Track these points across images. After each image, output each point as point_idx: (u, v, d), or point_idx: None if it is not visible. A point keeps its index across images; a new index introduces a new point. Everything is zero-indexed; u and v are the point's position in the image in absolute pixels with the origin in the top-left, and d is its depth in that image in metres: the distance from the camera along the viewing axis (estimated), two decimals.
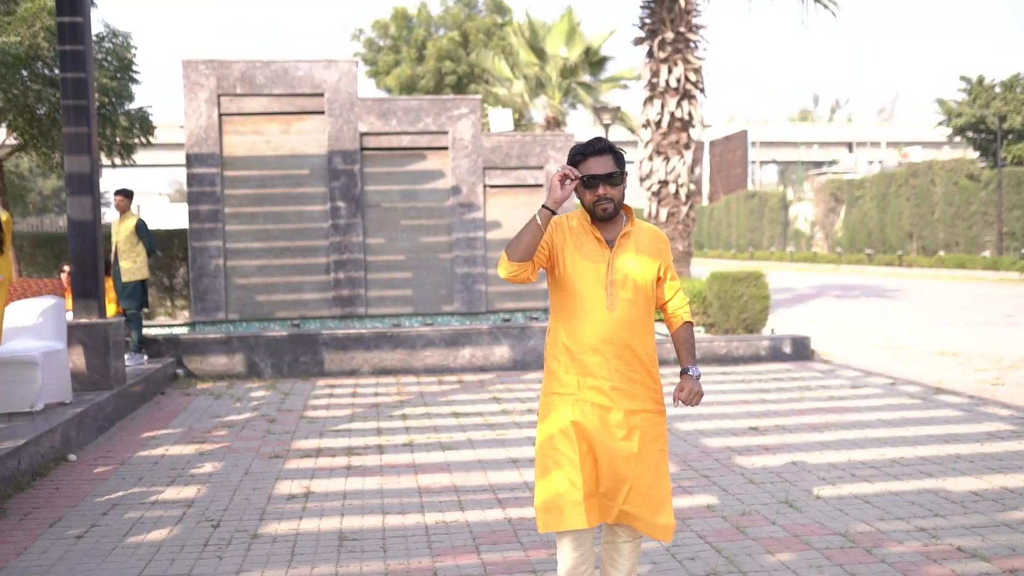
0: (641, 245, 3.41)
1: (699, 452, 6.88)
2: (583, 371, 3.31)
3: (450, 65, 29.50)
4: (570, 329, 3.36)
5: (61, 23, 8.29)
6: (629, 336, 3.32)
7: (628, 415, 3.32)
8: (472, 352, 11.37)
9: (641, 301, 3.35)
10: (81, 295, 8.44)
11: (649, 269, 3.39)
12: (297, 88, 12.95)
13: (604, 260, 3.35)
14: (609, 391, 3.30)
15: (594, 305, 3.32)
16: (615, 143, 3.48)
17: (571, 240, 3.40)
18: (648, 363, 3.37)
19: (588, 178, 3.29)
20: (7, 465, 5.95)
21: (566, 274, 3.36)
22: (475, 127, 13.31)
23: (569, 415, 3.30)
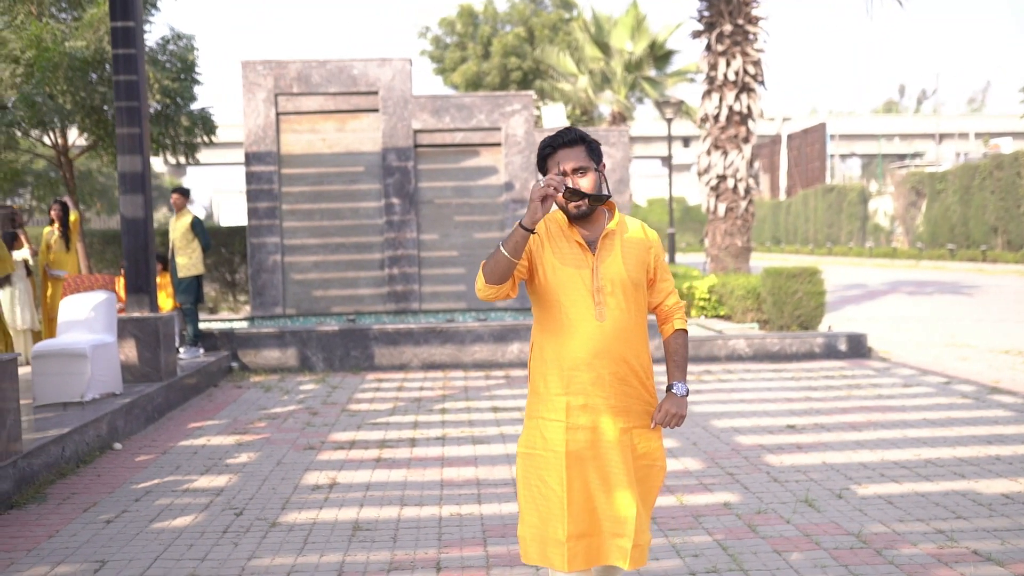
0: (627, 244, 3.11)
1: (729, 450, 6.82)
2: (574, 391, 3.02)
3: (515, 61, 29.56)
4: (557, 345, 3.05)
5: (115, 28, 8.59)
6: (623, 348, 3.04)
7: (623, 433, 3.06)
8: (521, 347, 11.42)
9: (633, 307, 3.08)
10: (133, 290, 8.74)
11: (638, 270, 3.10)
12: (352, 87, 13.16)
13: (588, 265, 3.04)
14: (604, 409, 3.04)
15: (581, 316, 3.02)
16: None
17: (549, 246, 3.08)
18: (644, 375, 3.11)
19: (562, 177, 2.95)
20: (51, 452, 6.22)
21: (547, 284, 3.06)
22: (528, 123, 13.34)
23: (560, 445, 3.02)
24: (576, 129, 3.09)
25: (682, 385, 3.18)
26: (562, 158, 3.02)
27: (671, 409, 3.13)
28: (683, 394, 3.16)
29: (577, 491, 3.02)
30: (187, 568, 4.55)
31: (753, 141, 15.41)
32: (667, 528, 5.01)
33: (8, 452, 5.64)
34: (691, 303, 14.20)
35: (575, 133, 3.06)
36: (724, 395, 9.10)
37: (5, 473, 5.57)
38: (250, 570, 4.52)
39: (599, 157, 3.09)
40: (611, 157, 13.40)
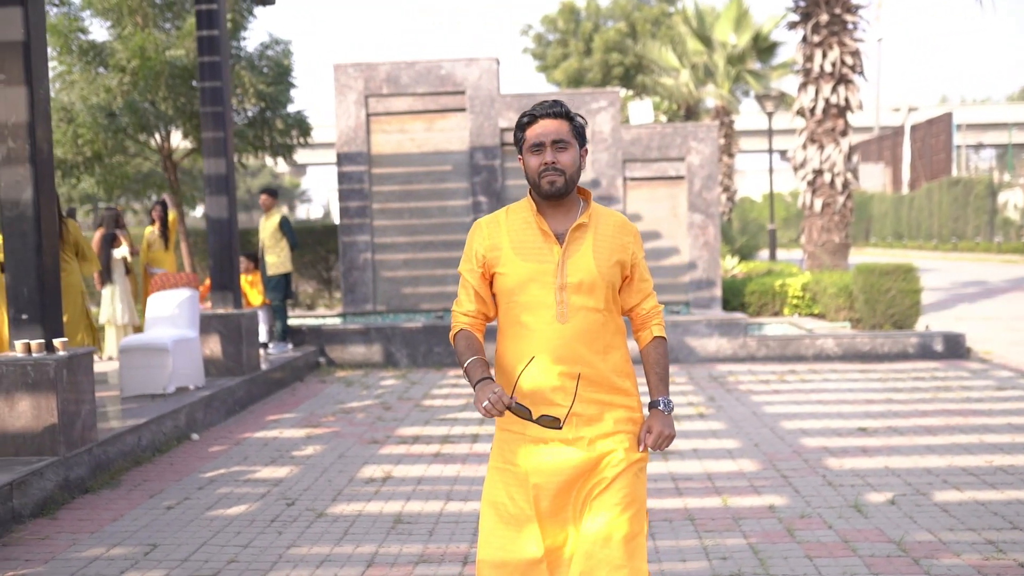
0: (602, 237, 2.81)
1: (790, 451, 6.67)
2: (539, 396, 2.76)
3: (617, 57, 29.41)
4: (516, 348, 2.79)
5: (200, 37, 8.99)
6: (588, 351, 2.76)
7: (591, 444, 2.77)
8: None
9: (603, 308, 2.80)
10: (218, 287, 9.13)
11: (612, 268, 2.80)
12: (439, 87, 13.36)
13: (553, 259, 2.77)
14: (572, 419, 2.76)
15: (542, 317, 2.75)
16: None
17: (508, 238, 2.81)
18: (617, 379, 2.82)
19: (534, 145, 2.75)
20: (126, 441, 6.58)
21: (505, 282, 2.80)
22: (614, 120, 13.29)
23: (522, 460, 2.78)
24: (564, 104, 2.84)
25: (667, 401, 2.89)
26: (543, 129, 2.76)
27: (663, 430, 2.82)
28: (669, 409, 2.87)
29: (546, 511, 2.77)
30: (229, 554, 4.76)
31: (851, 134, 14.94)
32: (703, 529, 4.96)
33: (84, 440, 5.99)
34: (784, 301, 13.89)
35: (563, 107, 2.82)
36: (801, 396, 8.89)
37: (80, 460, 5.92)
38: (286, 558, 4.69)
39: (583, 139, 2.83)
40: (699, 153, 13.21)
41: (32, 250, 5.76)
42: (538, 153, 2.77)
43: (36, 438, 5.68)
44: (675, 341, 11.35)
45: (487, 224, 2.88)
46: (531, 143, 2.78)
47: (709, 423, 7.71)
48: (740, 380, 9.88)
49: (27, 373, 5.65)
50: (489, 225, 2.88)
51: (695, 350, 11.34)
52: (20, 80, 5.72)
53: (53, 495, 5.58)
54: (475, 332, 2.87)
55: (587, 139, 2.89)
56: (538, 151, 2.77)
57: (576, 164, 2.79)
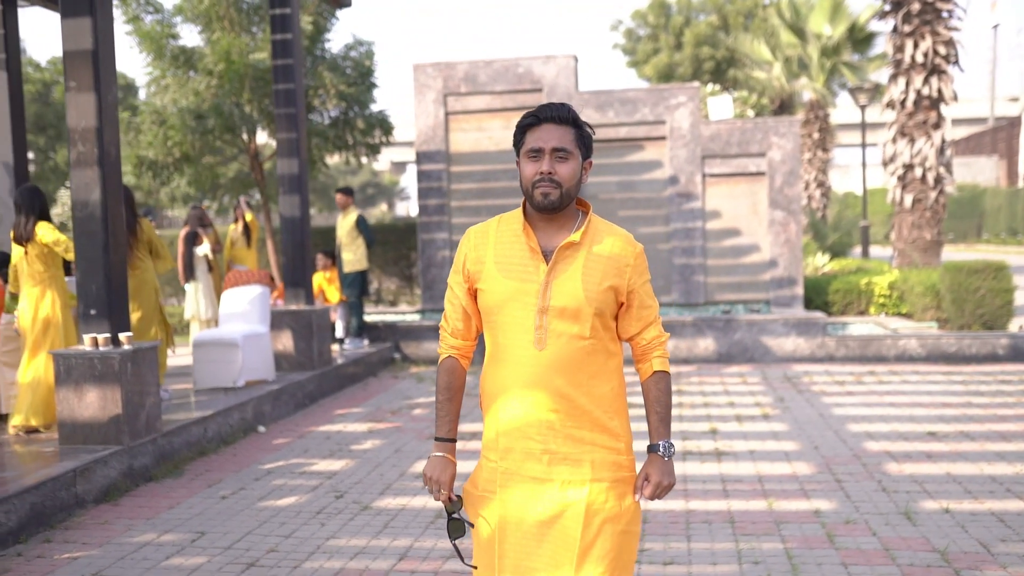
0: (595, 258, 2.53)
1: (850, 455, 6.49)
2: (511, 428, 2.53)
3: (708, 51, 28.96)
4: (494, 373, 2.58)
5: (274, 40, 9.24)
6: (566, 383, 2.49)
7: (566, 487, 2.49)
8: (675, 343, 11.29)
9: (588, 335, 2.52)
10: (291, 284, 9.38)
11: (602, 293, 2.51)
12: (517, 85, 13.42)
13: (537, 279, 2.51)
14: (540, 456, 2.50)
15: (518, 341, 2.52)
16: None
17: (493, 252, 2.58)
18: (602, 416, 2.53)
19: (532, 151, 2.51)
20: (192, 432, 6.84)
21: (485, 299, 2.58)
22: (693, 116, 13.11)
23: (494, 492, 2.56)
24: (572, 110, 2.56)
25: (668, 444, 2.58)
26: (544, 134, 2.51)
27: (661, 479, 2.55)
28: (670, 455, 2.57)
29: (510, 556, 2.53)
30: (270, 544, 4.91)
31: (945, 127, 14.39)
32: (742, 532, 4.89)
33: (148, 430, 6.26)
34: (870, 300, 13.49)
35: (569, 112, 2.54)
36: (875, 398, 8.63)
37: (144, 449, 6.18)
38: (324, 548, 4.82)
39: (588, 150, 2.58)
40: (780, 148, 12.91)
41: (100, 248, 6.04)
42: (535, 160, 2.51)
43: (102, 428, 5.96)
44: (750, 340, 11.15)
45: (475, 234, 2.64)
46: (529, 148, 2.52)
47: (772, 424, 7.56)
48: (814, 381, 9.65)
49: (94, 366, 5.93)
50: (477, 235, 2.64)
51: (771, 349, 11.11)
52: (89, 87, 6.01)
53: (116, 482, 5.84)
54: (460, 362, 2.72)
55: (592, 149, 2.61)
56: (535, 158, 2.51)
57: (576, 177, 2.53)
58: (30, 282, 6.48)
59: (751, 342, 11.17)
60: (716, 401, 8.68)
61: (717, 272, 13.18)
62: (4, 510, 4.91)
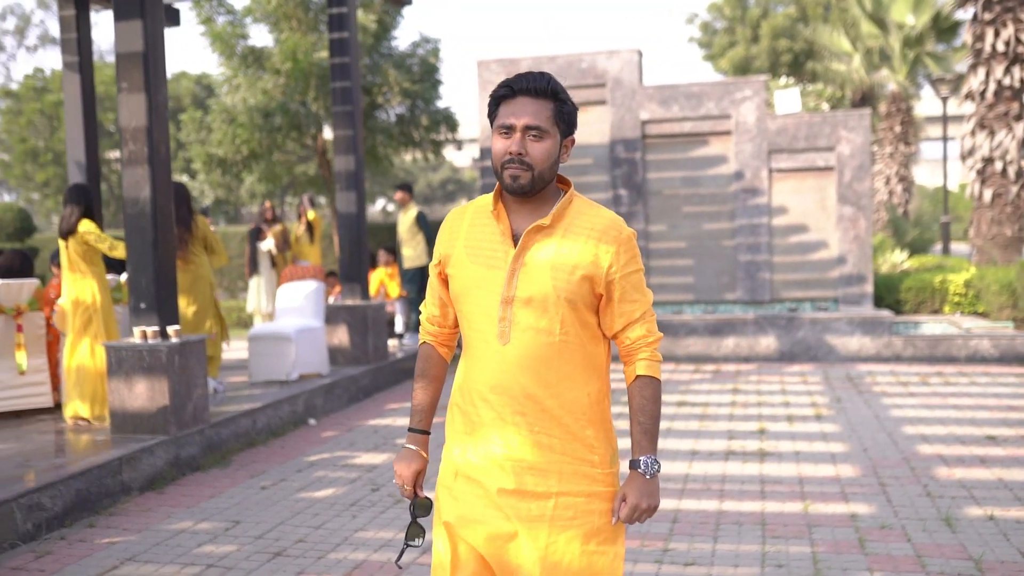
0: (569, 244, 2.27)
1: (899, 458, 6.30)
2: (473, 428, 2.32)
3: (785, 43, 28.33)
4: (463, 368, 2.39)
5: (332, 39, 9.39)
6: (533, 383, 2.25)
7: (529, 499, 2.26)
8: (736, 342, 11.12)
9: (559, 331, 2.26)
10: (346, 279, 9.52)
11: (574, 283, 2.25)
12: (580, 80, 13.36)
13: (505, 265, 2.28)
14: (503, 462, 2.27)
15: (483, 334, 2.29)
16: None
17: (465, 235, 2.38)
18: (574, 424, 2.28)
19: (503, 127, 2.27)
20: (240, 423, 7.01)
21: (453, 286, 2.38)
22: (760, 109, 12.87)
23: (449, 495, 2.35)
24: (554, 80, 2.29)
25: (651, 460, 2.29)
26: (517, 108, 2.25)
27: (639, 501, 2.26)
28: (653, 473, 2.28)
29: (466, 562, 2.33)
30: (300, 534, 5.00)
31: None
32: (771, 535, 4.79)
33: (195, 421, 6.44)
34: (944, 299, 13.05)
35: (548, 84, 2.27)
36: (938, 400, 8.35)
37: (191, 440, 6.36)
38: (351, 540, 4.89)
39: (570, 126, 2.32)
40: (850, 142, 12.57)
41: (149, 245, 6.23)
42: (506, 137, 2.26)
43: (150, 418, 6.15)
44: (813, 339, 10.91)
45: (452, 216, 2.46)
46: (500, 123, 2.27)
47: (823, 425, 7.39)
48: (877, 381, 9.39)
49: (143, 358, 6.12)
50: (453, 217, 2.45)
51: (835, 349, 10.85)
52: (140, 88, 6.20)
53: (163, 471, 6.03)
54: (436, 349, 2.54)
55: (575, 126, 2.33)
56: (506, 135, 2.26)
57: (551, 158, 2.26)
58: (71, 273, 6.71)
59: (814, 341, 10.93)
60: (770, 400, 8.52)
61: (783, 269, 12.92)
62: (50, 495, 5.11)
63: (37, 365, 7.13)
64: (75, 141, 9.66)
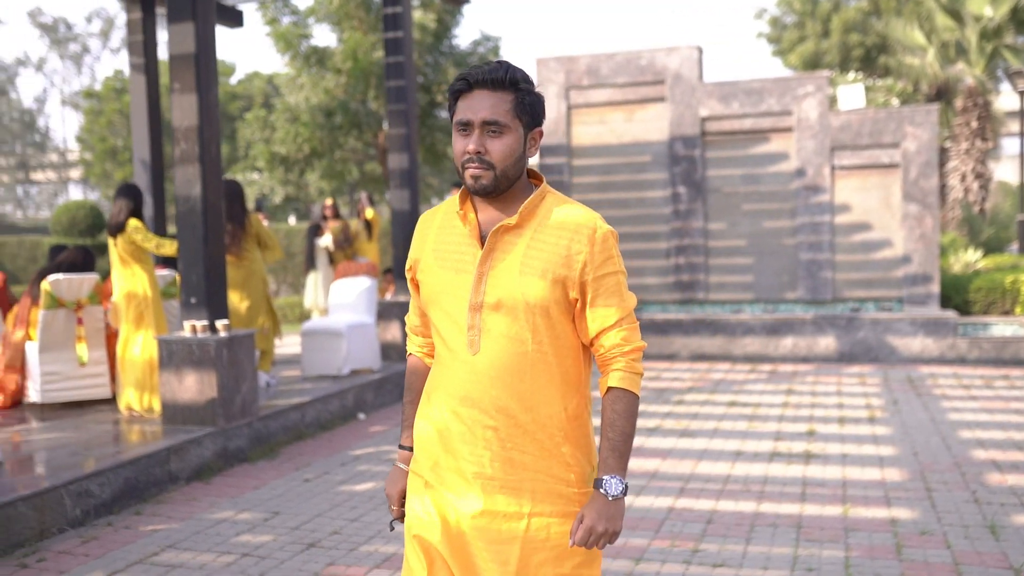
0: (540, 243, 2.12)
1: (950, 463, 6.13)
2: (442, 444, 2.17)
3: (856, 38, 27.66)
4: (431, 379, 2.26)
5: (386, 39, 9.49)
6: (505, 395, 2.11)
7: (501, 520, 2.12)
8: (794, 341, 10.94)
9: (531, 339, 2.11)
10: (399, 276, 9.62)
11: (545, 287, 2.10)
12: (639, 77, 13.28)
13: (472, 269, 2.14)
14: (472, 479, 2.13)
15: (453, 343, 2.16)
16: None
17: (434, 237, 2.24)
18: (548, 440, 2.13)
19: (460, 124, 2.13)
20: (289, 417, 7.15)
21: (423, 293, 2.25)
22: (822, 105, 12.63)
23: (418, 514, 2.21)
24: (513, 68, 2.13)
25: (616, 481, 2.10)
26: (476, 103, 2.10)
27: (595, 524, 2.07)
28: (617, 494, 2.10)
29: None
30: (335, 526, 5.09)
31: None
32: (806, 538, 4.72)
33: (243, 414, 6.58)
34: (1016, 300, 12.64)
35: (507, 74, 2.11)
36: (1000, 404, 8.11)
37: (239, 432, 6.51)
38: (384, 534, 4.95)
39: (535, 117, 2.16)
40: (915, 139, 12.25)
41: (200, 241, 6.39)
42: (464, 134, 2.12)
43: (199, 410, 6.31)
44: (874, 339, 10.68)
45: (424, 219, 2.33)
46: (457, 120, 2.13)
47: (875, 427, 7.24)
48: (938, 383, 9.16)
49: (192, 351, 6.29)
50: (424, 220, 2.32)
51: (896, 350, 10.60)
52: (192, 88, 6.36)
53: (210, 462, 6.18)
54: (424, 360, 2.42)
55: (540, 116, 2.18)
56: (464, 132, 2.12)
57: (515, 154, 2.11)
58: (123, 269, 6.90)
59: (875, 341, 10.69)
60: (824, 402, 8.37)
61: (846, 268, 12.66)
62: (98, 482, 5.28)
63: (97, 357, 7.37)
64: (140, 140, 9.96)
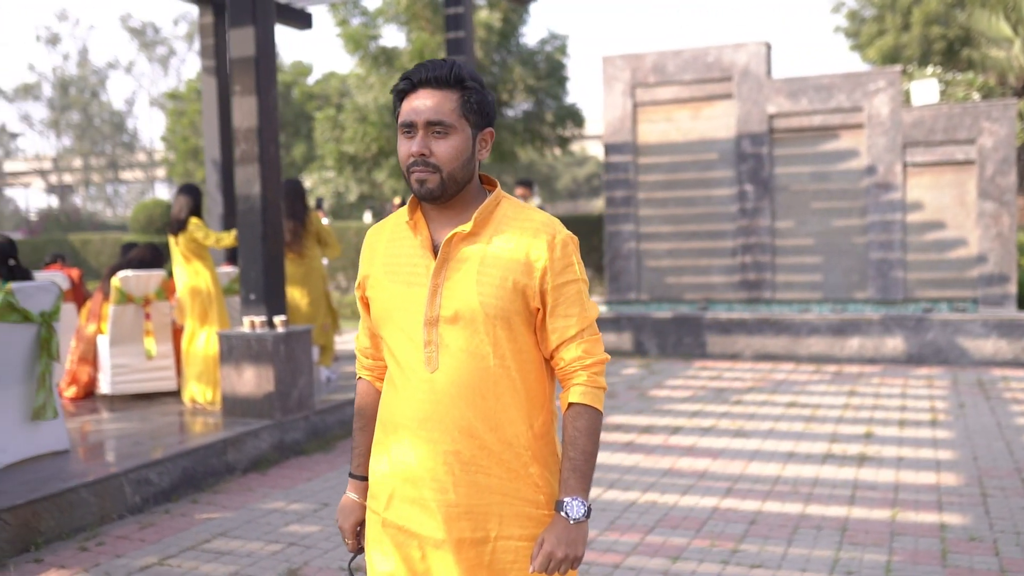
0: (497, 250, 1.99)
1: (1011, 468, 5.97)
2: (399, 471, 2.03)
3: (938, 30, 26.85)
4: (385, 402, 2.11)
5: (448, 39, 9.60)
6: (468, 414, 1.97)
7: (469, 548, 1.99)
8: (861, 342, 10.73)
9: (492, 353, 1.98)
10: None
11: (503, 296, 1.98)
12: (706, 74, 13.16)
13: (425, 281, 2.00)
14: (435, 508, 1.99)
15: (409, 361, 2.02)
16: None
17: (384, 250, 2.10)
18: (515, 460, 2.01)
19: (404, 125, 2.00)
20: (346, 411, 7.30)
21: (373, 310, 2.11)
22: (894, 101, 12.34)
23: (376, 551, 2.07)
24: (459, 66, 2.01)
25: (578, 503, 1.97)
26: (418, 103, 1.97)
27: (554, 549, 1.94)
28: (579, 517, 1.96)
29: None
30: None
31: None
32: (849, 541, 4.66)
33: (300, 408, 6.76)
34: None
35: (451, 71, 1.99)
36: None
37: (296, 425, 6.68)
38: None
39: (484, 117, 2.04)
40: (992, 134, 11.88)
41: (259, 238, 6.58)
42: (408, 137, 2.00)
43: (257, 403, 6.50)
44: (944, 341, 10.40)
45: (372, 232, 2.18)
46: (401, 122, 2.01)
47: (936, 431, 7.07)
48: (1010, 387, 8.89)
49: (251, 346, 6.48)
50: (372, 234, 2.18)
51: (967, 352, 10.32)
52: (252, 90, 6.55)
53: (266, 454, 6.36)
54: (374, 384, 2.27)
55: (489, 116, 2.06)
56: (408, 134, 1.99)
57: (462, 156, 1.98)
58: (186, 265, 7.13)
59: (945, 343, 10.42)
60: (887, 404, 8.20)
61: (918, 268, 12.35)
62: (157, 471, 5.49)
63: (163, 351, 7.63)
64: (211, 141, 10.26)
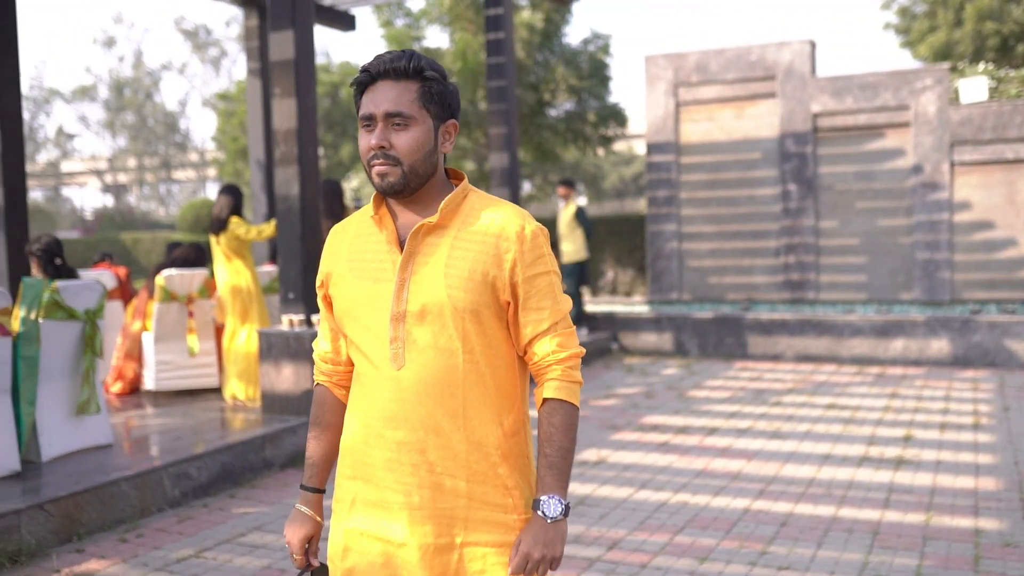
0: (464, 242, 1.95)
1: None
2: (363, 476, 1.99)
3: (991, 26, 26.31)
4: (353, 397, 2.05)
5: (488, 40, 9.67)
6: (435, 413, 1.92)
7: (434, 556, 1.94)
8: (905, 344, 10.58)
9: (461, 349, 1.93)
10: None
11: (473, 290, 1.92)
12: (749, 73, 13.07)
13: (392, 276, 1.95)
14: (399, 511, 1.94)
15: (375, 359, 1.96)
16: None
17: (348, 247, 2.05)
18: (483, 460, 1.95)
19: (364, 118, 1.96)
20: None
21: (337, 308, 2.05)
22: (941, 100, 12.15)
23: (339, 555, 2.03)
24: (419, 56, 1.95)
25: (555, 501, 1.92)
26: (378, 95, 1.92)
27: (531, 550, 1.88)
28: (556, 515, 1.91)
29: None
30: None
31: None
32: (880, 545, 4.62)
33: None
34: None
35: (410, 62, 1.93)
36: None
37: None
38: None
39: (446, 109, 1.98)
40: None
41: (297, 239, 6.69)
42: (368, 130, 1.95)
43: (295, 400, 6.61)
44: (991, 343, 10.22)
45: (335, 230, 2.14)
46: (361, 115, 1.96)
47: (978, 435, 6.97)
48: None
49: (289, 344, 6.59)
50: (336, 232, 2.13)
51: (1016, 354, 10.13)
52: (291, 93, 6.66)
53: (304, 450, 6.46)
54: (331, 391, 2.18)
55: (454, 107, 2.01)
56: (368, 127, 1.95)
57: (423, 148, 1.93)
58: (228, 264, 7.27)
59: (992, 345, 10.24)
60: (929, 407, 8.10)
61: (966, 268, 12.16)
62: (196, 466, 5.62)
63: (206, 348, 7.79)
64: (256, 142, 10.44)
